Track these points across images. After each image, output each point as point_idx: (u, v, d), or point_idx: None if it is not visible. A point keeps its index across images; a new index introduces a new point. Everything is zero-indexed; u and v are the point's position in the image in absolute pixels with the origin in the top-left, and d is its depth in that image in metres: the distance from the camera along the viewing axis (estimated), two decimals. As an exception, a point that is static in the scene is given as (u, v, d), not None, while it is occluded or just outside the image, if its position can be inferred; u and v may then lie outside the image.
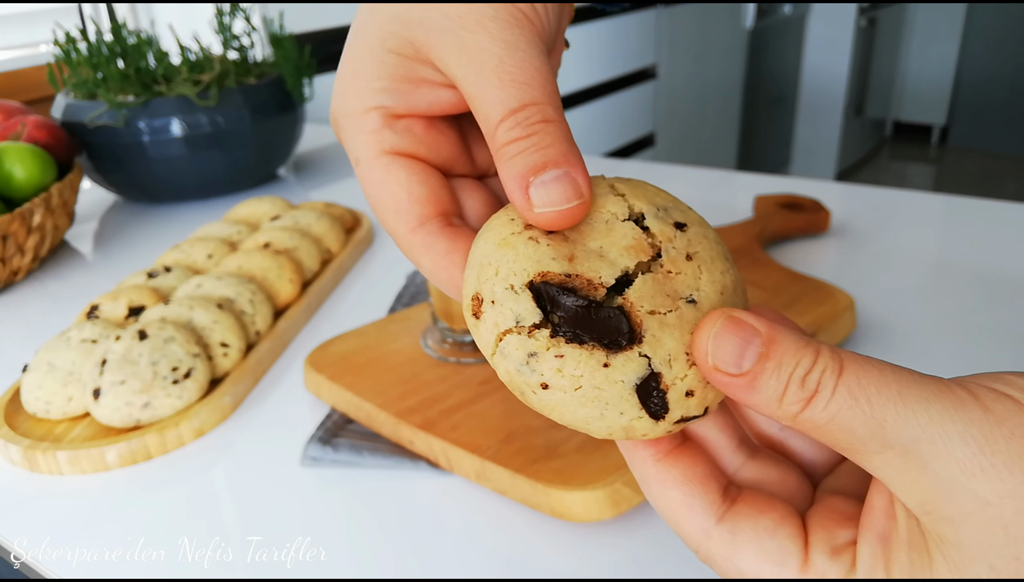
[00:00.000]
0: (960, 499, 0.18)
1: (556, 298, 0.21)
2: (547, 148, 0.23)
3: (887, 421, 0.19)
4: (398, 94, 0.26)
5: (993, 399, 0.19)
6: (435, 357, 0.55)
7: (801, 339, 0.20)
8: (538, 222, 0.23)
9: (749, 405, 0.21)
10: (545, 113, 0.23)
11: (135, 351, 0.53)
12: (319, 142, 1.26)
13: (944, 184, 3.79)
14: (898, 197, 0.87)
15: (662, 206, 0.24)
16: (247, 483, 0.48)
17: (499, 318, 0.22)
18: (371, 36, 0.26)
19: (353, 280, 0.75)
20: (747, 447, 0.25)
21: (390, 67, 0.26)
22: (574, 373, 0.21)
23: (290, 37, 1.01)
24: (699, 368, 0.21)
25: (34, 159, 0.80)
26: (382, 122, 0.26)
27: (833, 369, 0.20)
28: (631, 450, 0.24)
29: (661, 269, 0.22)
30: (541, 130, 0.23)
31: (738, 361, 0.20)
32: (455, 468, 0.46)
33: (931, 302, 0.64)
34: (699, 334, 0.21)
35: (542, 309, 0.21)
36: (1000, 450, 0.18)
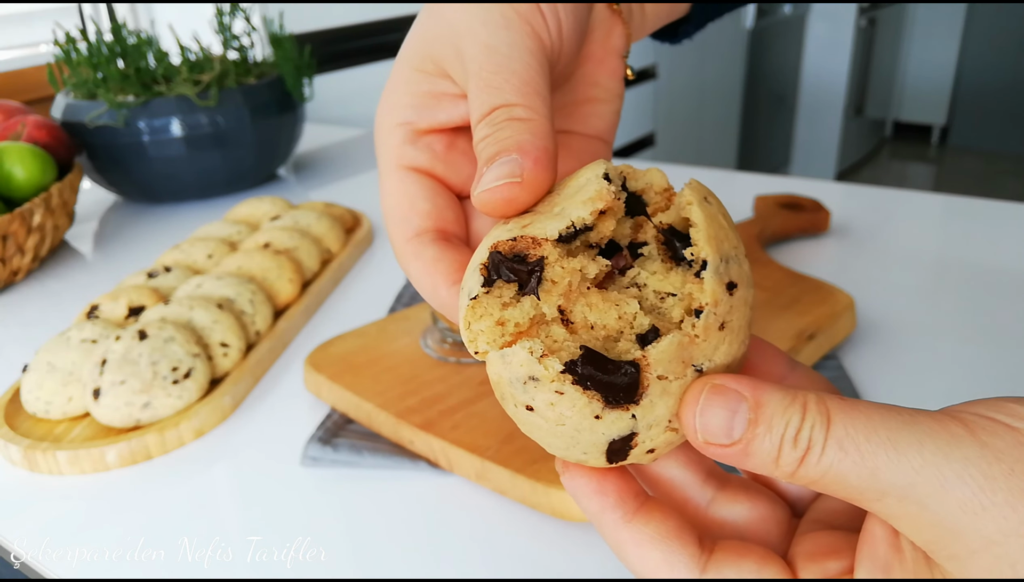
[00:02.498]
0: (964, 538, 0.18)
1: (497, 264, 0.22)
2: (504, 140, 0.23)
3: (879, 469, 0.19)
4: (422, 109, 0.27)
5: (990, 432, 0.19)
6: (435, 357, 0.55)
7: (787, 396, 0.20)
8: (477, 204, 0.23)
9: (746, 469, 0.20)
10: (512, 113, 0.24)
11: (135, 351, 0.53)
12: (319, 142, 1.26)
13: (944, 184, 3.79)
14: (898, 197, 0.87)
15: (727, 256, 0.22)
16: (247, 483, 0.48)
17: (461, 299, 0.23)
18: (403, 56, 0.28)
19: (353, 280, 0.75)
20: (715, 479, 0.25)
21: (414, 84, 0.27)
22: (564, 412, 0.21)
23: (290, 37, 1.01)
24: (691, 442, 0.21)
25: (34, 159, 0.80)
26: (405, 138, 0.27)
27: (821, 424, 0.19)
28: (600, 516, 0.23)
29: (692, 331, 0.21)
30: (506, 127, 0.24)
31: (728, 431, 0.20)
32: (455, 468, 0.46)
33: (931, 302, 0.64)
34: (685, 411, 0.21)
35: (488, 280, 0.22)
36: (1000, 487, 0.18)
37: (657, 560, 0.22)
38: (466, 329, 0.22)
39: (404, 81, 0.28)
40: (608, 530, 0.23)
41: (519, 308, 0.22)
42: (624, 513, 0.22)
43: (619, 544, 0.23)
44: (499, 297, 0.22)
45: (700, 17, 0.36)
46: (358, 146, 1.24)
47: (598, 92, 0.31)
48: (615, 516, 0.23)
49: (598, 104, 0.31)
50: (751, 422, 0.20)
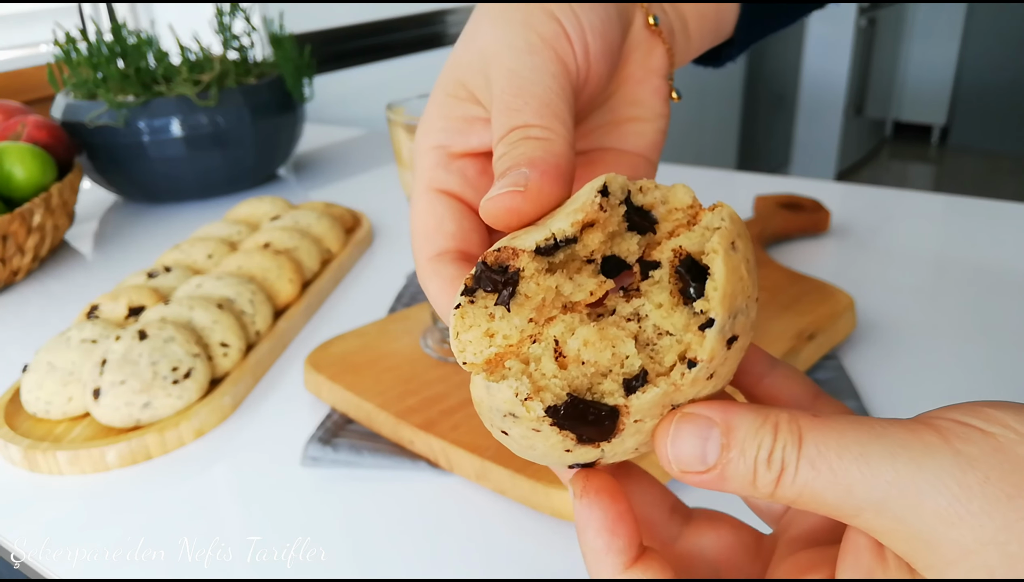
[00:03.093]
0: (941, 549, 0.18)
1: (480, 274, 0.22)
2: (518, 156, 0.24)
3: (853, 485, 0.19)
4: (454, 133, 0.28)
5: (964, 438, 0.18)
6: (435, 357, 0.55)
7: (758, 417, 0.20)
8: (483, 214, 0.24)
9: (726, 492, 0.20)
10: (529, 133, 0.24)
11: (135, 351, 0.53)
12: (319, 142, 1.26)
13: (944, 184, 3.79)
14: (898, 197, 0.87)
15: (736, 311, 0.21)
16: (247, 483, 0.48)
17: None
18: (439, 82, 0.28)
19: (353, 280, 0.75)
20: (680, 514, 0.25)
21: (447, 109, 0.28)
22: (536, 445, 0.21)
23: (290, 37, 1.01)
24: (668, 471, 0.21)
25: (34, 159, 0.80)
26: (438, 161, 0.28)
27: (792, 443, 0.19)
28: (603, 554, 0.22)
29: (680, 380, 0.21)
30: (521, 144, 0.24)
31: (702, 458, 0.20)
32: (455, 468, 0.46)
33: (931, 302, 0.64)
34: (658, 443, 0.21)
35: (470, 290, 0.22)
36: (976, 496, 0.18)
37: None
38: (455, 339, 0.22)
39: (439, 105, 0.28)
40: (604, 571, 0.22)
41: (507, 321, 0.22)
42: (627, 559, 0.22)
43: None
44: (484, 308, 0.22)
45: (744, 39, 0.36)
46: (358, 146, 1.24)
47: (640, 111, 0.31)
48: (618, 560, 0.22)
49: (640, 123, 0.31)
50: (724, 447, 0.20)
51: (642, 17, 0.31)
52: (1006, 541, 0.18)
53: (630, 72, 0.31)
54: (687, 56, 0.34)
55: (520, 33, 0.26)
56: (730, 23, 0.35)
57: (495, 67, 0.26)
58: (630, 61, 0.31)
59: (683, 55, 0.33)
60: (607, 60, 0.28)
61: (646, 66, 0.31)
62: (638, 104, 0.31)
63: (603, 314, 0.22)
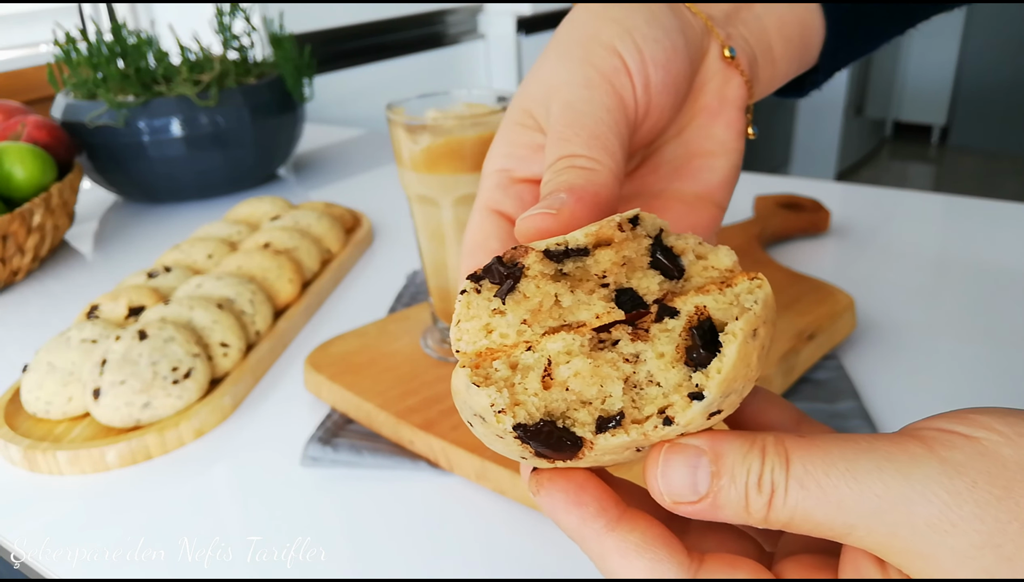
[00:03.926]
0: (937, 558, 0.18)
1: (491, 267, 0.22)
2: (561, 183, 0.24)
3: (843, 501, 0.19)
4: (518, 159, 0.29)
5: (948, 445, 0.19)
6: (435, 357, 0.55)
7: (745, 442, 0.20)
8: (516, 231, 0.24)
9: (720, 521, 0.20)
10: (575, 162, 0.25)
11: (135, 351, 0.53)
12: (319, 142, 1.26)
13: (944, 184, 3.79)
14: (898, 197, 0.87)
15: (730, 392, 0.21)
16: (247, 483, 0.48)
17: None
18: (509, 109, 0.30)
19: (353, 280, 0.75)
20: (678, 521, 0.25)
21: (514, 135, 0.29)
22: (497, 444, 0.22)
23: (290, 37, 1.01)
24: (661, 505, 0.21)
25: (34, 159, 0.80)
26: (498, 183, 0.29)
27: (780, 465, 0.19)
28: (581, 529, 0.22)
29: (653, 432, 0.21)
30: (565, 172, 0.25)
31: (693, 488, 0.20)
32: (455, 468, 0.46)
33: (931, 302, 0.64)
34: (648, 476, 0.21)
35: (476, 277, 0.22)
36: (966, 501, 0.18)
37: (644, 569, 0.21)
38: (454, 326, 0.22)
39: (506, 131, 0.29)
40: (591, 542, 0.22)
41: (506, 320, 0.22)
42: (607, 521, 0.22)
43: (603, 555, 0.22)
44: (488, 302, 0.22)
45: (830, 65, 0.35)
46: (358, 146, 1.24)
47: (712, 145, 0.30)
48: (597, 525, 0.22)
49: (711, 157, 0.30)
50: (714, 475, 0.20)
51: (718, 48, 0.30)
52: (1000, 544, 0.18)
53: (705, 103, 0.30)
54: (772, 84, 0.33)
55: (579, 69, 0.27)
56: (816, 48, 0.34)
57: (554, 99, 0.27)
58: (704, 92, 0.30)
59: (768, 84, 0.33)
60: (670, 92, 0.28)
61: (721, 97, 0.30)
62: (711, 137, 0.30)
63: (605, 341, 0.22)
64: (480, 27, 2.00)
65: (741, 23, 0.31)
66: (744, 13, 0.31)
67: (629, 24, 0.27)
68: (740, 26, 0.31)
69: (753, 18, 0.31)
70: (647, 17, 0.28)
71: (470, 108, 0.52)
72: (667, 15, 0.28)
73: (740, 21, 0.31)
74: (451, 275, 0.54)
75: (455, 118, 0.49)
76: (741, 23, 0.31)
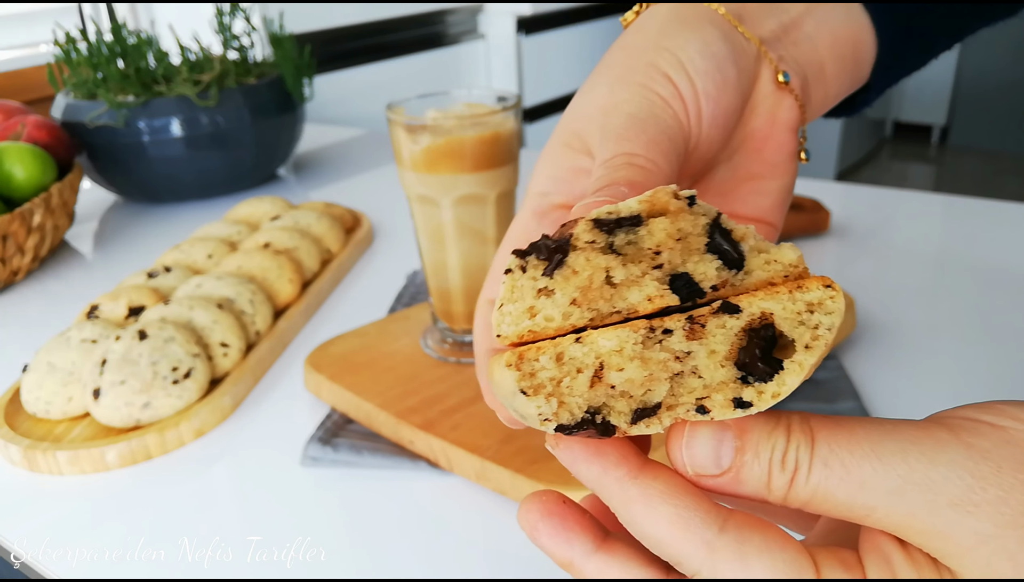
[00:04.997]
0: (958, 536, 0.18)
1: (539, 243, 0.21)
2: (619, 177, 0.23)
3: (866, 481, 0.19)
4: (560, 182, 0.28)
5: (974, 432, 0.19)
6: (435, 357, 0.55)
7: (770, 420, 0.20)
8: (571, 216, 0.24)
9: (740, 496, 0.20)
10: (634, 161, 0.24)
11: (135, 351, 0.53)
12: (319, 142, 1.26)
13: (944, 184, 3.79)
14: (898, 197, 0.87)
15: None
16: (247, 483, 0.48)
17: None
18: (555, 131, 0.29)
19: (353, 280, 0.75)
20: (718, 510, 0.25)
21: (559, 157, 0.28)
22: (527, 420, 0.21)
23: (290, 37, 1.01)
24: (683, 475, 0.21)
25: (34, 159, 0.80)
26: (536, 207, 0.28)
27: (805, 444, 0.19)
28: (603, 478, 0.21)
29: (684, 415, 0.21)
30: (623, 168, 0.24)
31: (716, 461, 0.20)
32: (455, 468, 0.46)
33: (931, 302, 0.64)
34: (672, 447, 0.21)
35: (523, 254, 0.21)
36: (991, 484, 0.18)
37: (670, 517, 0.20)
38: (497, 309, 0.21)
39: (550, 153, 0.29)
40: (613, 490, 0.21)
41: (552, 301, 0.21)
42: (629, 470, 0.21)
43: (626, 503, 0.21)
44: (534, 280, 0.20)
45: (881, 83, 0.34)
46: (358, 146, 1.24)
47: (763, 168, 0.30)
48: (619, 473, 0.21)
49: (763, 180, 0.30)
50: (738, 449, 0.20)
51: (770, 72, 0.30)
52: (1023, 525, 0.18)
53: (755, 126, 0.30)
54: (825, 105, 0.32)
55: (639, 91, 0.27)
56: (868, 65, 0.33)
57: (613, 115, 0.26)
58: (756, 115, 0.30)
59: (820, 104, 0.32)
60: (720, 126, 0.28)
61: (773, 119, 0.30)
62: (762, 160, 0.30)
63: (656, 330, 0.21)
64: (480, 27, 2.00)
65: (792, 44, 0.31)
66: (795, 33, 0.31)
67: (683, 56, 0.27)
68: (791, 47, 0.30)
69: (805, 38, 0.31)
70: (700, 48, 0.27)
71: (470, 108, 0.52)
72: (720, 43, 0.28)
73: (791, 42, 0.31)
74: (451, 275, 0.54)
75: (455, 118, 0.49)
76: (792, 44, 0.31)
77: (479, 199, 0.51)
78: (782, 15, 0.31)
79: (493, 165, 0.50)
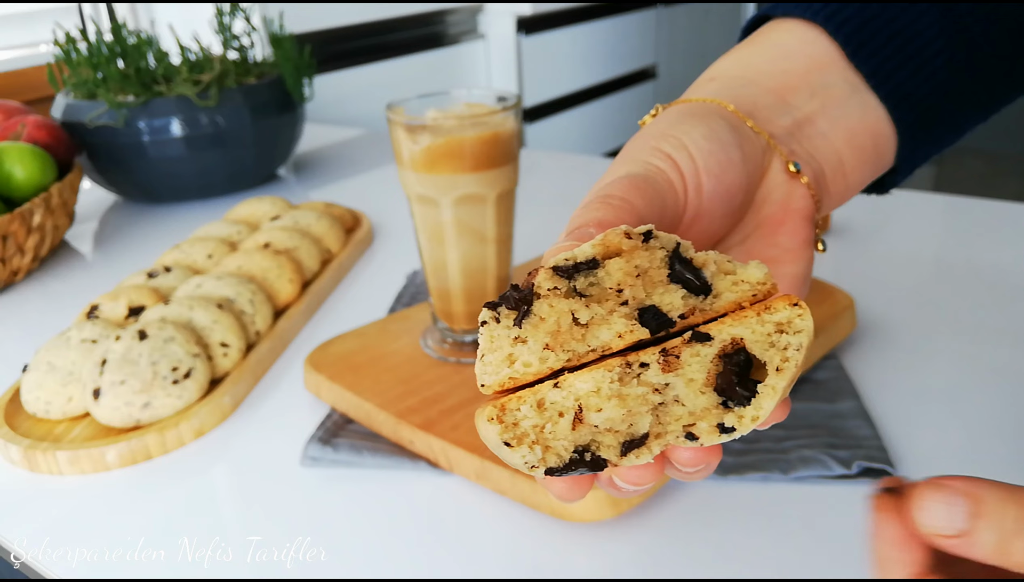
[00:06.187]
0: None
1: (506, 293, 0.22)
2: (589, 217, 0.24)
3: None
4: None
5: None
6: (435, 357, 0.55)
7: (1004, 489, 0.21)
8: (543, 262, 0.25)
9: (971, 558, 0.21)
10: (610, 201, 0.25)
11: (135, 351, 0.53)
12: (319, 142, 1.26)
13: (944, 184, 3.79)
14: (898, 197, 0.87)
15: None
16: (247, 483, 0.48)
17: None
18: None
19: (353, 280, 0.75)
20: None
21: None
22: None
23: (290, 37, 1.01)
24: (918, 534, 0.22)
25: (34, 159, 0.80)
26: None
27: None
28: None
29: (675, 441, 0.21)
30: (596, 208, 0.25)
31: (950, 525, 0.21)
32: (455, 468, 0.46)
33: (931, 302, 0.64)
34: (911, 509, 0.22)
35: (494, 305, 0.22)
36: None
37: None
38: (479, 360, 0.22)
39: None
40: None
41: (527, 348, 0.21)
42: None
43: None
44: (508, 329, 0.21)
45: (908, 166, 0.34)
46: (358, 146, 1.24)
47: (776, 252, 0.30)
48: None
49: (776, 264, 0.30)
50: (973, 515, 0.21)
51: (781, 163, 0.30)
52: None
53: (768, 214, 0.30)
54: (846, 195, 0.33)
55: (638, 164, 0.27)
56: (891, 152, 0.33)
57: (609, 176, 0.27)
58: (768, 203, 0.30)
59: (840, 195, 0.32)
60: (722, 200, 0.28)
61: (785, 207, 0.30)
62: (775, 245, 0.30)
63: (632, 365, 0.21)
64: (480, 27, 2.00)
65: (806, 139, 0.31)
66: (808, 129, 0.31)
67: (687, 139, 0.28)
68: (806, 142, 0.31)
69: (818, 134, 0.31)
70: (705, 132, 0.28)
71: (470, 108, 0.52)
72: (726, 131, 0.29)
73: (805, 137, 0.31)
74: (451, 275, 0.54)
75: (455, 118, 0.49)
76: (806, 139, 0.31)
77: (479, 199, 0.51)
78: (795, 112, 0.31)
79: (493, 165, 0.50)
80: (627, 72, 2.42)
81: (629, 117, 2.45)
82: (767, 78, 0.31)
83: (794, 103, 0.31)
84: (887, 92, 0.31)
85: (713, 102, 0.30)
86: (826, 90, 0.31)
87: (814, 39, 0.32)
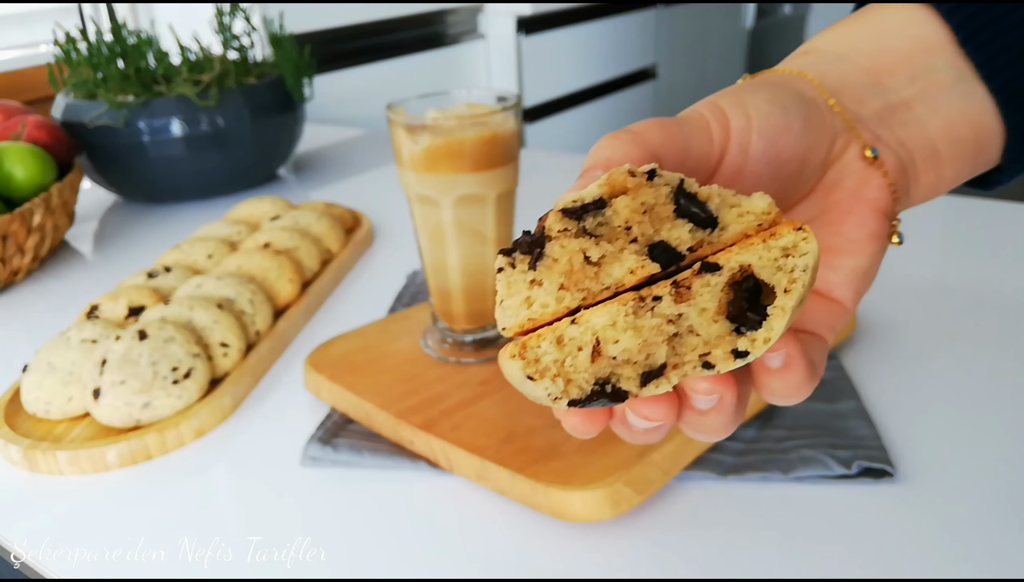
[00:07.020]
0: None
1: (519, 239, 0.23)
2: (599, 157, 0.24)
3: None
4: None
5: None
6: (435, 357, 0.55)
7: None
8: None
9: None
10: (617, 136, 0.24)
11: (135, 351, 0.53)
12: (319, 142, 1.26)
13: (944, 184, 3.79)
14: (898, 197, 0.87)
15: None
16: (247, 483, 0.48)
17: None
18: None
19: (353, 280, 0.75)
20: None
21: None
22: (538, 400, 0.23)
23: (290, 37, 1.01)
24: None
25: (34, 159, 0.80)
26: None
27: None
28: None
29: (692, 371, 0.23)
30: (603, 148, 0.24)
31: None
32: (455, 468, 0.46)
33: (931, 302, 0.64)
34: None
35: (508, 251, 0.23)
36: None
37: None
38: (499, 305, 0.22)
39: None
40: None
41: (544, 289, 0.22)
42: None
43: None
44: (524, 273, 0.22)
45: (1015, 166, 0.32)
46: (358, 146, 1.24)
47: (839, 242, 0.29)
48: None
49: (836, 255, 0.29)
50: None
51: (859, 147, 0.29)
52: None
53: (836, 199, 0.29)
54: (937, 188, 0.31)
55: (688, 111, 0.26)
56: (995, 148, 0.30)
57: None
58: (839, 188, 0.29)
59: (931, 187, 0.31)
60: (770, 164, 0.27)
61: (857, 196, 0.29)
62: (838, 234, 0.29)
63: (646, 298, 0.22)
64: (480, 27, 2.00)
65: (898, 125, 0.29)
66: (903, 115, 0.29)
67: (748, 100, 0.27)
68: (898, 129, 0.29)
69: (913, 121, 0.29)
70: (769, 96, 0.27)
71: (470, 108, 0.52)
72: (794, 100, 0.27)
73: (898, 124, 0.29)
74: (451, 275, 0.54)
75: (455, 118, 0.49)
76: (898, 125, 0.29)
77: (479, 199, 0.51)
78: (890, 96, 0.29)
79: (493, 165, 0.50)
80: (627, 72, 2.42)
81: (629, 117, 2.45)
82: (864, 57, 0.29)
83: (891, 86, 0.29)
84: (999, 85, 0.29)
85: (796, 73, 0.29)
86: (929, 75, 0.29)
87: (922, 20, 0.29)
